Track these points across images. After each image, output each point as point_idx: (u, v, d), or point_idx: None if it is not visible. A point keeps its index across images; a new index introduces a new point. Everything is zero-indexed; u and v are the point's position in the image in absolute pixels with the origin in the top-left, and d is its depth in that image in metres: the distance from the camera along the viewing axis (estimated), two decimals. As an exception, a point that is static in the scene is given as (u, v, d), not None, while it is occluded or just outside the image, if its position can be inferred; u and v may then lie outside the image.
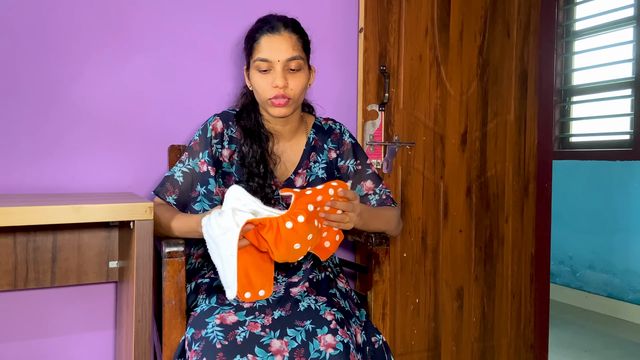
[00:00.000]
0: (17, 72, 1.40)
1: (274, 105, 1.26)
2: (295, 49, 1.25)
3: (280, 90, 1.23)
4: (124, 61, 1.51)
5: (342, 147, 1.42)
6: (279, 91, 1.24)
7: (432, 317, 1.91)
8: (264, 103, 1.28)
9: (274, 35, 1.24)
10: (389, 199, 1.42)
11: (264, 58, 1.24)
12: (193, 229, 1.17)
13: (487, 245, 2.01)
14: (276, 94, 1.24)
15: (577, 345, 2.58)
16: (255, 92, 1.30)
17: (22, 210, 0.99)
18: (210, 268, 1.27)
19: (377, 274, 1.33)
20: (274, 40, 1.24)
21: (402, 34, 1.81)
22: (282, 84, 1.23)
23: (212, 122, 1.32)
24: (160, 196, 1.27)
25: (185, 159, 1.29)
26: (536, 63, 2.09)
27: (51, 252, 1.35)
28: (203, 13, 1.60)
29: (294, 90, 1.26)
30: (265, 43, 1.24)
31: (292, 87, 1.25)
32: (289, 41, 1.25)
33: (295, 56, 1.24)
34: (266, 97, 1.26)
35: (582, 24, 3.38)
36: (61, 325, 1.48)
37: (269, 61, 1.23)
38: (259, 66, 1.25)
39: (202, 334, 1.04)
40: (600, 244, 3.18)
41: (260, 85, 1.26)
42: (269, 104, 1.27)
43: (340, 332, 1.06)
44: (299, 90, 1.27)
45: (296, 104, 1.29)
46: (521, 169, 2.08)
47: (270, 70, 1.24)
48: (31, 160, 1.42)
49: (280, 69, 1.23)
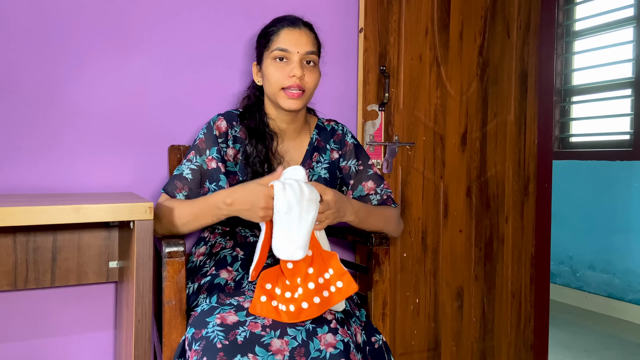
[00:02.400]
0: (17, 72, 1.40)
1: (288, 97, 1.27)
2: (313, 45, 1.29)
3: (297, 81, 1.25)
4: (124, 61, 1.51)
5: (345, 148, 1.42)
6: (295, 81, 1.25)
7: (432, 317, 1.91)
8: (275, 95, 1.28)
9: (294, 29, 1.28)
10: (389, 199, 1.42)
11: (284, 48, 1.26)
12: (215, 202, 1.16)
13: (487, 245, 2.01)
14: (291, 84, 1.25)
15: (577, 345, 2.58)
16: (267, 83, 1.30)
17: (22, 210, 0.99)
18: (212, 265, 1.27)
19: (377, 274, 1.33)
20: (294, 32, 1.28)
21: (402, 34, 1.81)
22: (300, 74, 1.25)
23: (217, 122, 1.32)
24: (169, 194, 1.26)
25: (192, 157, 1.29)
26: (536, 63, 2.10)
27: (51, 252, 1.35)
28: (203, 13, 1.60)
29: (309, 84, 1.28)
30: (286, 35, 1.27)
31: (308, 80, 1.27)
32: (308, 36, 1.29)
33: (314, 51, 1.29)
34: (280, 86, 1.26)
35: (582, 24, 3.38)
36: (61, 325, 1.48)
37: (289, 51, 1.26)
38: (276, 55, 1.27)
39: (202, 334, 1.04)
40: (600, 244, 3.18)
41: (275, 75, 1.27)
42: (282, 96, 1.27)
43: (341, 332, 1.06)
44: (313, 85, 1.29)
45: (307, 99, 1.31)
46: (521, 169, 2.08)
47: (287, 61, 1.27)
48: (31, 160, 1.42)
49: (298, 59, 1.26)
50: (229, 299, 1.13)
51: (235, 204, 1.12)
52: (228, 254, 1.28)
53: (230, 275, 1.22)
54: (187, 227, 1.19)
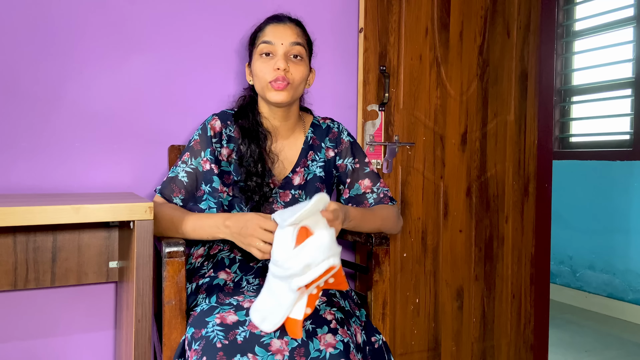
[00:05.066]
0: (17, 72, 1.40)
1: (274, 89, 1.27)
2: (298, 37, 1.30)
3: (282, 73, 1.26)
4: (124, 61, 1.51)
5: (340, 146, 1.42)
6: (280, 73, 1.26)
7: (432, 317, 1.91)
8: (263, 89, 1.29)
9: (279, 24, 1.30)
10: (386, 197, 1.41)
11: (268, 40, 1.28)
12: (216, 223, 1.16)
13: (487, 245, 2.01)
14: (277, 77, 1.26)
15: (577, 345, 2.58)
16: (256, 80, 1.31)
17: (22, 210, 0.99)
18: (210, 267, 1.27)
19: (377, 274, 1.33)
20: (279, 27, 1.29)
21: (402, 34, 1.81)
22: (284, 66, 1.25)
23: (211, 122, 1.32)
24: (166, 197, 1.27)
25: (187, 159, 1.29)
26: (536, 63, 2.09)
27: (51, 252, 1.35)
28: (203, 13, 1.60)
29: (294, 76, 1.28)
30: (270, 29, 1.29)
31: (293, 73, 1.28)
32: (293, 29, 1.30)
33: (299, 42, 1.29)
34: (267, 80, 1.27)
35: (582, 24, 3.38)
36: (61, 325, 1.48)
37: (272, 44, 1.27)
38: (261, 49, 1.28)
39: (202, 333, 1.04)
40: (600, 244, 3.18)
41: (262, 70, 1.28)
42: (269, 88, 1.28)
43: (341, 332, 1.06)
44: (299, 77, 1.29)
45: (295, 91, 1.30)
46: (521, 169, 2.08)
47: (272, 55, 1.28)
48: (31, 161, 1.42)
49: (283, 52, 1.27)
50: (229, 298, 1.13)
51: (231, 227, 1.13)
52: (226, 256, 1.28)
53: (229, 277, 1.22)
54: (182, 236, 1.21)
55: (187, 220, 1.20)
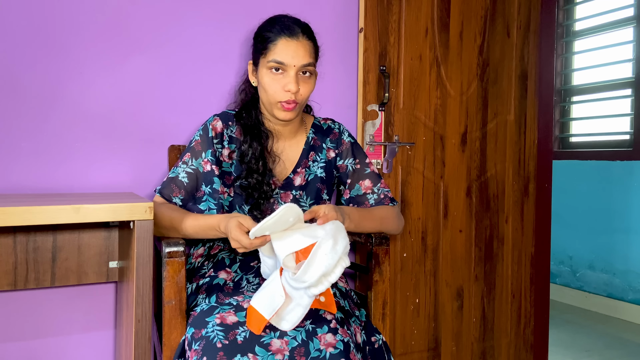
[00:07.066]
0: (17, 72, 1.40)
1: (282, 109, 1.26)
2: (310, 56, 1.27)
3: (292, 96, 1.24)
4: (123, 61, 1.51)
5: (341, 147, 1.42)
6: (291, 96, 1.24)
7: (432, 317, 1.91)
8: (271, 105, 1.28)
9: (292, 40, 1.24)
10: (386, 197, 1.41)
11: (280, 61, 1.24)
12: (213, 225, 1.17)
13: (487, 245, 2.01)
14: (288, 99, 1.25)
15: (577, 345, 2.58)
16: (262, 91, 1.29)
17: (22, 210, 0.99)
18: (210, 267, 1.27)
19: (377, 274, 1.33)
20: (292, 45, 1.24)
21: (402, 34, 1.81)
22: (295, 89, 1.23)
23: (212, 122, 1.32)
24: (165, 197, 1.27)
25: (188, 159, 1.29)
26: (536, 63, 2.10)
27: (51, 252, 1.35)
28: (203, 13, 1.60)
29: (303, 96, 1.27)
30: (283, 46, 1.24)
31: (302, 92, 1.26)
32: (306, 47, 1.26)
33: (310, 62, 1.26)
34: (276, 100, 1.26)
35: (582, 24, 3.38)
36: (61, 325, 1.48)
37: (285, 64, 1.24)
38: (272, 66, 1.25)
39: (202, 334, 1.04)
40: (600, 244, 3.18)
41: (272, 87, 1.25)
42: (278, 107, 1.27)
43: (341, 332, 1.06)
44: (307, 95, 1.28)
45: (301, 108, 1.31)
46: (521, 169, 2.08)
47: (283, 72, 1.25)
48: (31, 160, 1.42)
49: (294, 73, 1.24)
50: (228, 298, 1.13)
51: (223, 230, 1.14)
52: (226, 256, 1.28)
53: (229, 276, 1.22)
54: (181, 236, 1.21)
55: (186, 220, 1.20)
